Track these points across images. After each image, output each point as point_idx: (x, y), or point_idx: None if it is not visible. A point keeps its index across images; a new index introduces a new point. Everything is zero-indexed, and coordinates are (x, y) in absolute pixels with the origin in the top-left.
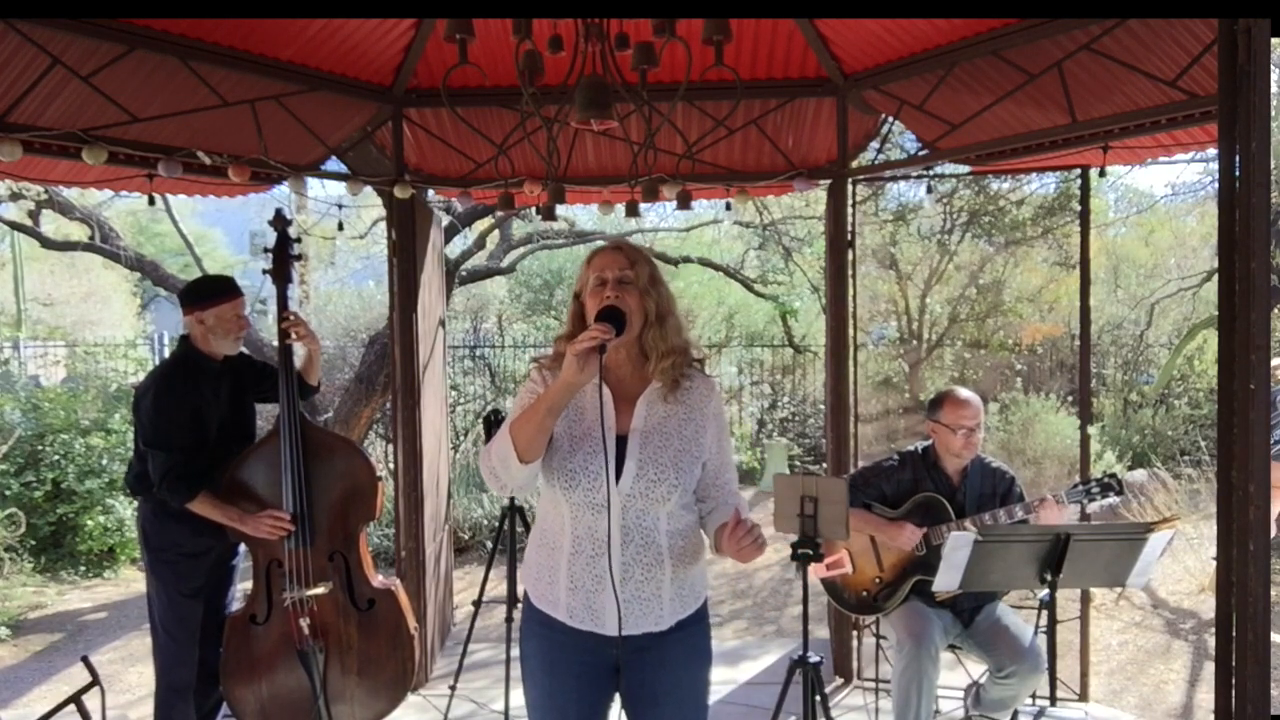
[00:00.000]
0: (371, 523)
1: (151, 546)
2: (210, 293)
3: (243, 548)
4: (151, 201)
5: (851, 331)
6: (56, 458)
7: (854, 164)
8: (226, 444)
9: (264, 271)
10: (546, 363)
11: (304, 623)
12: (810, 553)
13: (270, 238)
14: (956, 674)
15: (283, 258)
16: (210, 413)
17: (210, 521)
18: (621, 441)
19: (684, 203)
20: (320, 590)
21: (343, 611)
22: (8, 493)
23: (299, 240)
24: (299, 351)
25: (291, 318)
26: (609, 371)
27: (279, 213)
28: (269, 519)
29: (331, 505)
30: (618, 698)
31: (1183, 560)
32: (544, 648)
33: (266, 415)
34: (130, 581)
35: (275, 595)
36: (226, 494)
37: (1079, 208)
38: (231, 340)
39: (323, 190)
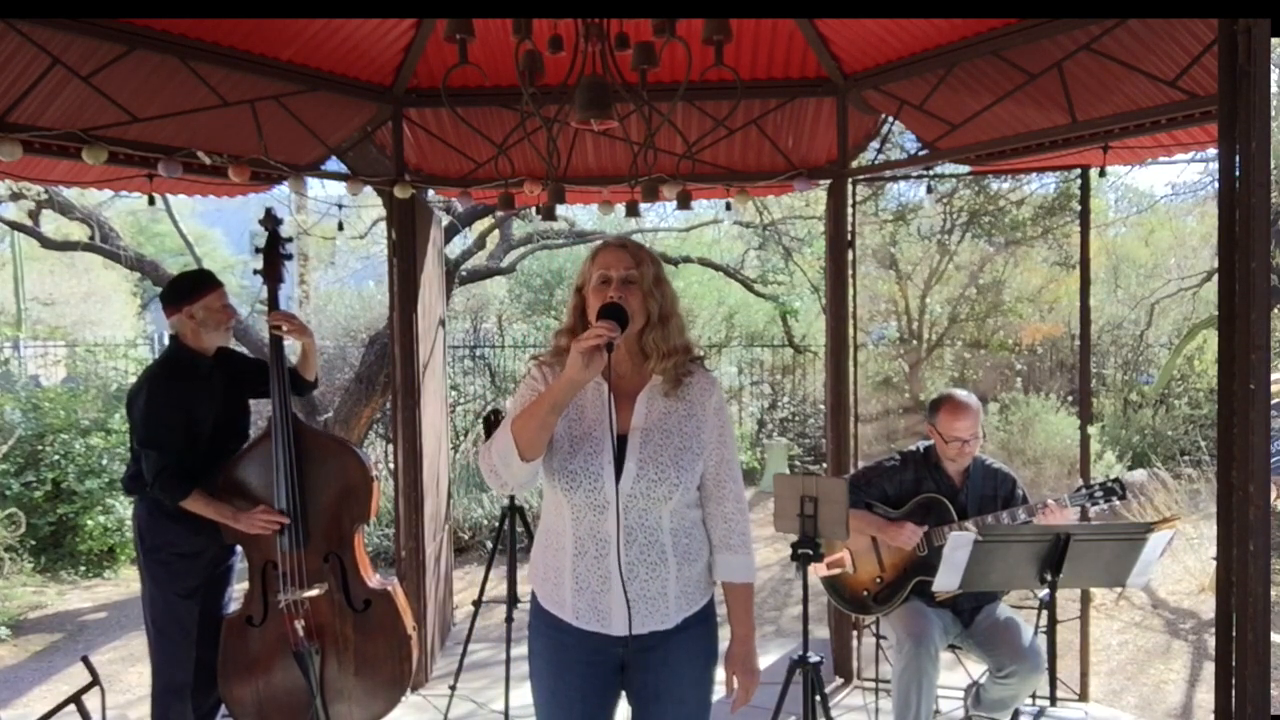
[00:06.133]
0: (367, 523)
1: (147, 547)
2: (195, 287)
3: (239, 549)
4: (151, 201)
5: (851, 331)
6: (56, 458)
7: (854, 164)
8: (220, 441)
9: (255, 271)
10: (546, 359)
11: (299, 624)
12: (810, 553)
13: (264, 237)
14: (956, 674)
15: (273, 257)
16: (204, 410)
17: (206, 522)
18: (621, 440)
19: (684, 203)
20: (315, 592)
21: (339, 612)
22: (8, 493)
23: (290, 240)
24: (293, 347)
25: (282, 317)
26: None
27: (269, 212)
28: (261, 515)
29: (325, 506)
30: (623, 695)
31: (1183, 560)
32: (550, 647)
33: (263, 413)
34: (130, 581)
35: (270, 597)
36: (221, 493)
37: (1079, 208)
38: (222, 331)
39: (323, 190)
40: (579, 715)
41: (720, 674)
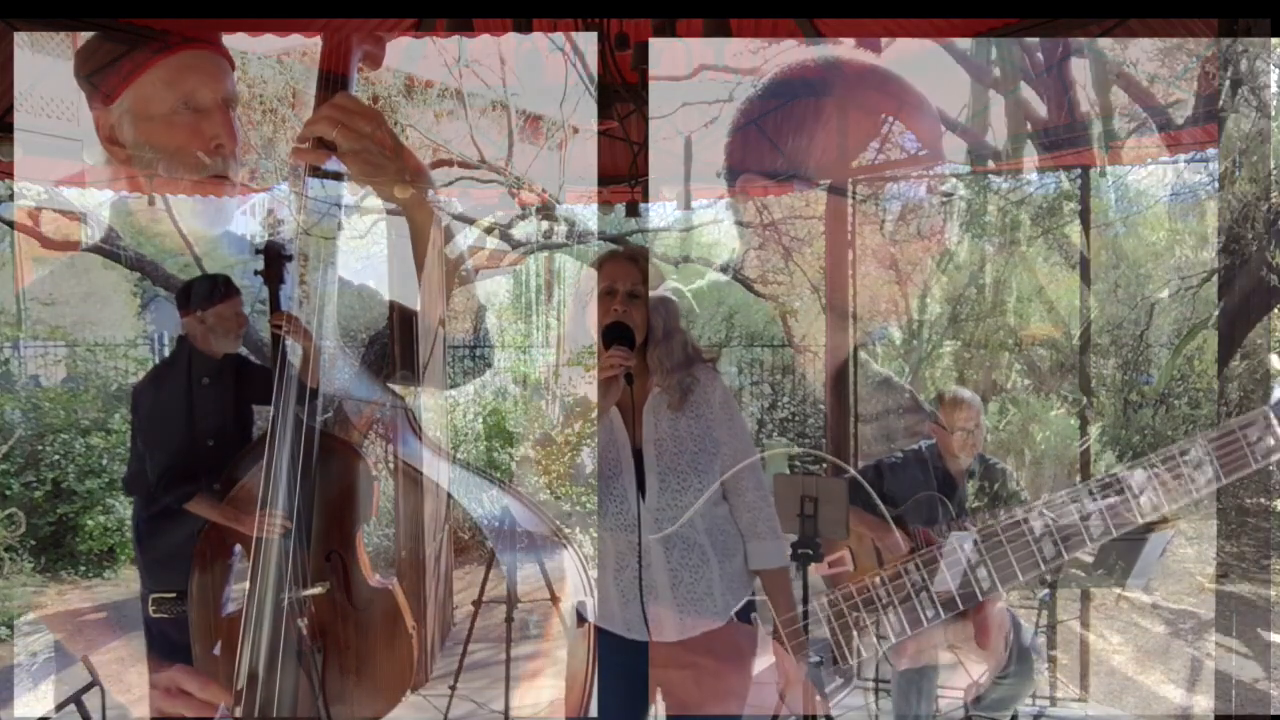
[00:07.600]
0: (368, 522)
1: (145, 547)
2: (210, 292)
3: (239, 548)
4: (151, 201)
5: (851, 331)
6: (56, 458)
7: (854, 164)
8: (223, 445)
9: (255, 272)
10: None
11: (301, 623)
12: (810, 553)
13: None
14: (956, 674)
15: (274, 258)
16: (208, 412)
17: (206, 521)
18: (637, 455)
19: (684, 202)
20: (318, 590)
21: (340, 611)
22: (8, 493)
23: (291, 240)
24: (295, 352)
25: (284, 318)
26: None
27: (271, 212)
28: (267, 518)
29: (328, 505)
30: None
31: (1183, 560)
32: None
33: (266, 415)
34: (130, 581)
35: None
36: (223, 493)
37: (1079, 207)
38: (232, 338)
39: (323, 190)
40: (614, 715)
41: (755, 669)
